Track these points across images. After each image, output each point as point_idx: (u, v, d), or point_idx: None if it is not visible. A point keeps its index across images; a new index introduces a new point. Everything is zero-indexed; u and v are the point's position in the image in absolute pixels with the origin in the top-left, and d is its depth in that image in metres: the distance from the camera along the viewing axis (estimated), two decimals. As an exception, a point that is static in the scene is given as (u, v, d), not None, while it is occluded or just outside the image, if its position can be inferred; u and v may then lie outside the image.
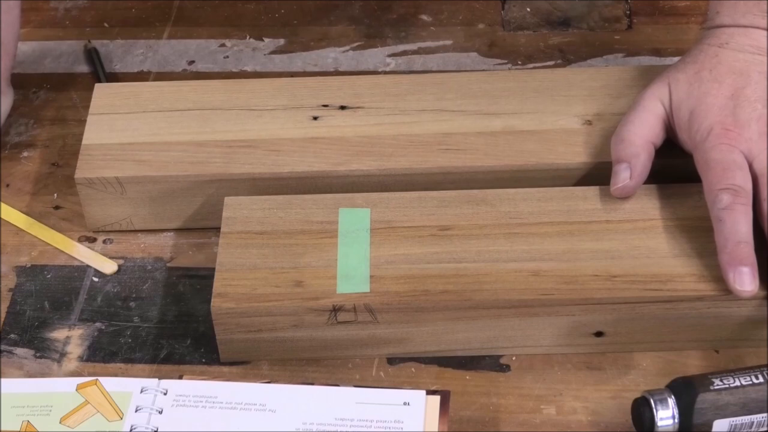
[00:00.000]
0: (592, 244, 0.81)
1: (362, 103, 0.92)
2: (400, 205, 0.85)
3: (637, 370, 0.81)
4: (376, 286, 0.80)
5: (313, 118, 0.91)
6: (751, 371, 0.74)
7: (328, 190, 0.87)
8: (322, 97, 0.92)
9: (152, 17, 1.09)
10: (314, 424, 0.75)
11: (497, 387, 0.80)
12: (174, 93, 0.93)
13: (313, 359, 0.82)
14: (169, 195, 0.88)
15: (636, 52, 1.03)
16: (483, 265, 0.81)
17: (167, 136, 0.90)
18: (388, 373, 0.81)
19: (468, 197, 0.85)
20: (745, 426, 0.74)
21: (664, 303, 0.79)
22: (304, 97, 0.92)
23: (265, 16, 1.09)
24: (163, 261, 0.89)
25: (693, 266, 0.80)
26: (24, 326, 0.85)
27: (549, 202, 0.84)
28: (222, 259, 0.82)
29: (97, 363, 0.83)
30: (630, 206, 0.84)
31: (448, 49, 1.04)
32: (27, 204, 0.93)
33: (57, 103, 1.02)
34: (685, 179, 0.84)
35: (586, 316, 0.80)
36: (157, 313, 0.85)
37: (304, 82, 0.95)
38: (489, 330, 0.80)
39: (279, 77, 1.01)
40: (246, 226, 0.84)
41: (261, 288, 0.80)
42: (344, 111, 0.91)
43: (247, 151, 0.88)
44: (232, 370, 0.82)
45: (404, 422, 0.75)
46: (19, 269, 0.89)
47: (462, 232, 0.83)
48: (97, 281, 0.88)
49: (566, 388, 0.80)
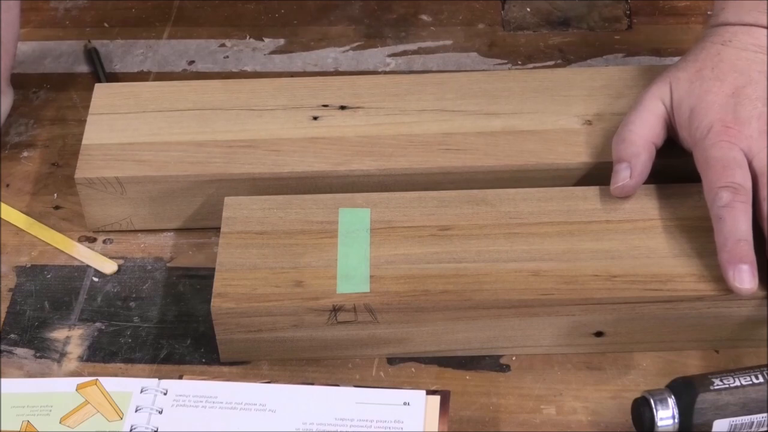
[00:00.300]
0: (592, 244, 0.81)
1: (362, 103, 0.92)
2: (400, 205, 0.85)
3: (637, 370, 0.81)
4: (376, 286, 0.80)
5: (313, 118, 0.91)
6: (751, 371, 0.74)
7: (328, 190, 0.87)
8: (322, 98, 0.92)
9: (152, 17, 1.09)
10: (314, 424, 0.75)
11: (497, 387, 0.80)
12: (174, 93, 0.93)
13: (313, 359, 0.82)
14: (170, 195, 0.88)
15: (636, 52, 1.03)
16: (483, 265, 0.81)
17: (167, 136, 0.90)
18: (388, 373, 0.81)
19: (468, 197, 0.85)
20: (745, 426, 0.74)
21: (664, 303, 0.79)
22: (304, 98, 0.92)
23: (265, 16, 1.09)
24: (163, 261, 0.89)
25: (693, 266, 0.80)
26: (24, 326, 0.85)
27: (549, 202, 0.84)
28: (222, 259, 0.82)
29: (97, 363, 0.83)
30: (630, 206, 0.84)
31: (448, 49, 1.04)
32: (27, 204, 0.93)
33: (57, 103, 1.02)
34: (685, 179, 0.84)
35: (586, 316, 0.80)
36: (157, 313, 0.85)
37: (304, 83, 0.95)
38: (489, 330, 0.80)
39: (279, 77, 1.01)
40: (246, 226, 0.84)
41: (261, 288, 0.80)
42: (344, 111, 0.91)
43: (247, 151, 0.88)
44: (232, 370, 0.82)
45: (404, 422, 0.75)
46: (19, 269, 0.89)
47: (462, 232, 0.83)
48: (97, 281, 0.88)
49: (566, 388, 0.80)
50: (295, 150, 0.88)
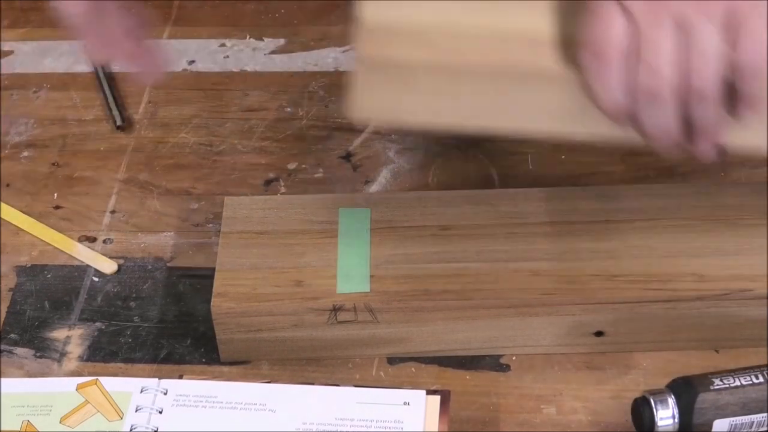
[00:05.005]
0: (592, 244, 0.81)
1: None
2: (400, 205, 0.85)
3: (637, 370, 0.81)
4: (376, 286, 0.80)
5: None
6: (751, 371, 0.74)
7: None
8: None
9: (152, 17, 1.09)
10: (314, 424, 0.75)
11: (497, 387, 0.80)
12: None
13: (313, 359, 0.82)
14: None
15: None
16: (483, 264, 0.81)
17: None
18: (388, 373, 0.81)
19: (468, 197, 0.85)
20: (745, 426, 0.74)
21: (664, 303, 0.79)
22: None
23: (265, 16, 1.09)
24: (163, 261, 0.89)
25: (693, 266, 0.80)
26: (24, 326, 0.85)
27: (549, 202, 0.84)
28: (222, 259, 0.82)
29: (97, 363, 0.83)
30: (630, 206, 0.84)
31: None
32: (27, 204, 0.93)
33: (57, 103, 1.02)
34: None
35: (586, 316, 0.80)
36: (157, 313, 0.85)
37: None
38: (489, 330, 0.80)
39: (279, 77, 1.01)
40: (246, 226, 0.84)
41: (261, 288, 0.80)
42: None
43: None
44: (232, 370, 0.82)
45: (404, 422, 0.75)
46: (19, 269, 0.89)
47: (462, 232, 0.83)
48: (97, 281, 0.88)
49: (566, 388, 0.80)
50: None
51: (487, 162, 0.95)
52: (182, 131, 0.99)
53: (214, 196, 0.93)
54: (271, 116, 1.00)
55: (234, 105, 1.02)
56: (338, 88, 1.02)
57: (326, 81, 1.03)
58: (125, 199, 0.94)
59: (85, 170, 0.96)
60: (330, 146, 0.97)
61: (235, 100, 1.02)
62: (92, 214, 0.93)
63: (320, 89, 1.02)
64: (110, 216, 0.92)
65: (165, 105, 1.02)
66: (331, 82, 1.03)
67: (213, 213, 0.92)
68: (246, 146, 0.98)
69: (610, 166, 0.94)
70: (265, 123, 1.00)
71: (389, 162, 0.95)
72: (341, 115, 1.00)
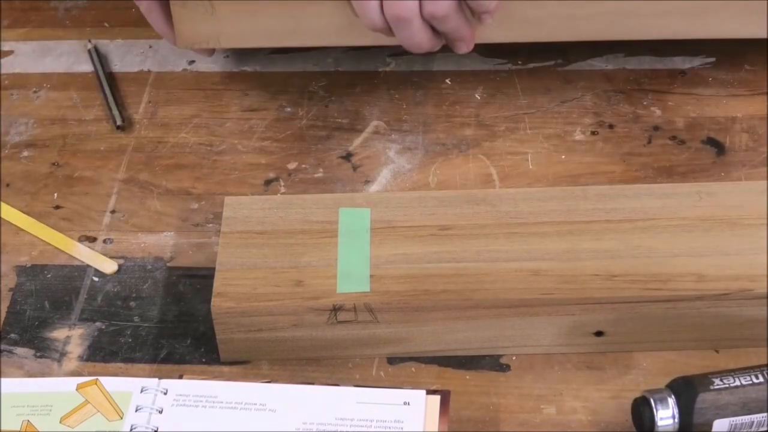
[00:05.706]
0: (592, 244, 0.81)
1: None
2: (400, 204, 0.85)
3: (637, 370, 0.81)
4: (376, 286, 0.80)
5: None
6: (751, 371, 0.74)
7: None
8: None
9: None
10: (314, 424, 0.75)
11: (497, 387, 0.80)
12: None
13: (313, 359, 0.82)
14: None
15: (636, 52, 1.03)
16: (483, 264, 0.81)
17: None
18: (388, 373, 0.81)
19: (468, 197, 0.85)
20: (745, 426, 0.74)
21: (664, 303, 0.79)
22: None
23: (265, 16, 1.09)
24: (163, 261, 0.89)
25: (693, 266, 0.80)
26: (24, 326, 0.85)
27: (549, 201, 0.84)
28: (222, 259, 0.82)
29: (97, 363, 0.83)
30: (630, 206, 0.84)
31: (448, 49, 1.04)
32: (27, 204, 0.93)
33: (57, 103, 1.02)
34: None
35: (586, 316, 0.80)
36: (157, 313, 0.85)
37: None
38: (489, 330, 0.81)
39: (279, 77, 1.01)
40: (246, 226, 0.84)
41: (261, 288, 0.80)
42: None
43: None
44: (232, 369, 0.82)
45: (404, 422, 0.75)
46: (19, 269, 0.89)
47: (462, 231, 0.83)
48: (97, 281, 0.88)
49: (566, 388, 0.80)
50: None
51: (487, 162, 0.95)
52: (182, 131, 0.99)
53: (214, 196, 0.93)
54: (271, 116, 1.00)
55: (234, 105, 1.02)
56: (338, 88, 1.02)
57: (326, 81, 1.03)
58: (125, 199, 0.94)
59: (85, 170, 0.96)
60: (330, 146, 0.97)
61: (235, 100, 1.02)
62: (92, 214, 0.93)
63: (320, 89, 1.02)
64: (110, 216, 0.92)
65: (165, 105, 1.02)
66: (331, 82, 1.03)
67: (213, 213, 0.92)
68: (246, 146, 0.98)
69: (610, 166, 0.94)
70: (265, 123, 1.00)
71: (389, 162, 0.95)
72: (341, 115, 1.00)
